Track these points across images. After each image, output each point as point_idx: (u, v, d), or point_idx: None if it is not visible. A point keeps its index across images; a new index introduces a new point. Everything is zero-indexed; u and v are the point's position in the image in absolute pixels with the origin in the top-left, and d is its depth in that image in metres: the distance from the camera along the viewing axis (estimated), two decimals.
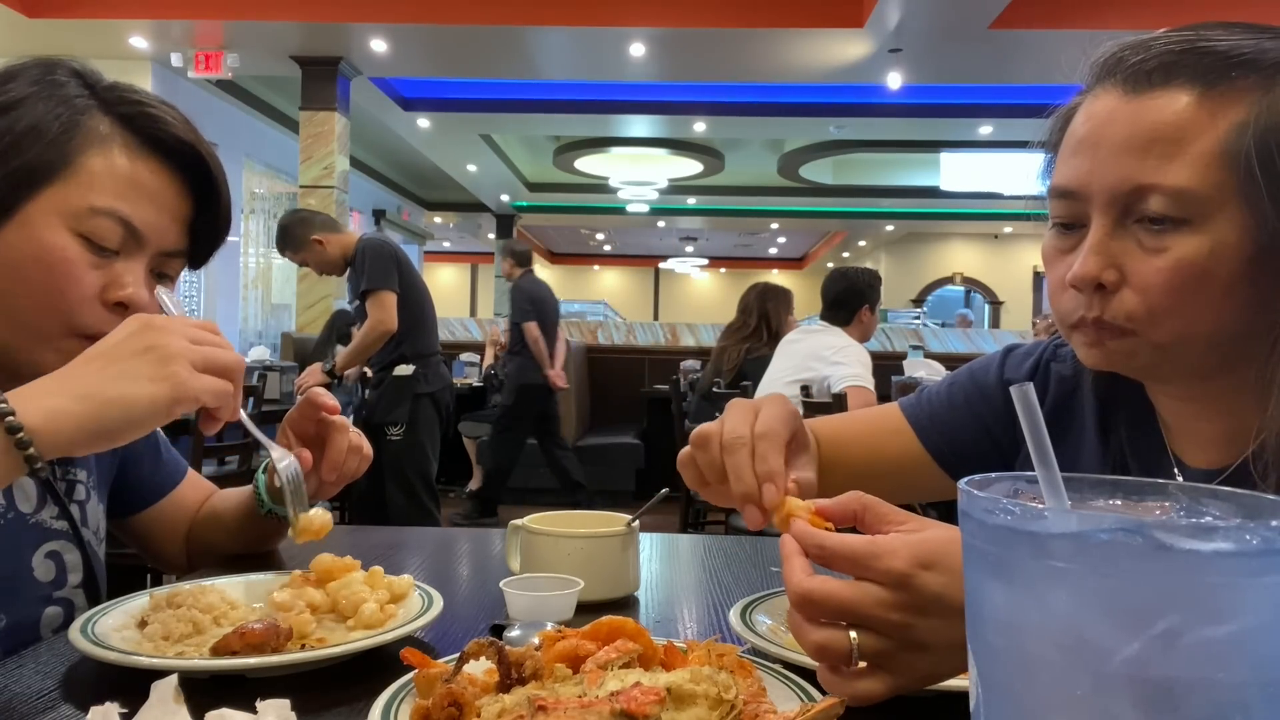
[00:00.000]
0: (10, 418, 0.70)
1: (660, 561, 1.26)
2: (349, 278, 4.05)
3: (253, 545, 1.17)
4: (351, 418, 3.80)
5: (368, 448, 1.07)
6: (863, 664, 0.61)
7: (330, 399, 1.04)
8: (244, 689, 0.70)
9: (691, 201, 14.96)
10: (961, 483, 0.45)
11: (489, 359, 7.14)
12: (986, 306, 17.32)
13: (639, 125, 10.27)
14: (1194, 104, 0.72)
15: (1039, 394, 0.63)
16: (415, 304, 4.05)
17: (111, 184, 0.89)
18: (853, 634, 0.60)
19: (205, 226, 0.98)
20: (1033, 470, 0.46)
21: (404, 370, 4.07)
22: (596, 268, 24.08)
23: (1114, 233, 0.75)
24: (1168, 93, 0.73)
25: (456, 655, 0.66)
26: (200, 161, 0.95)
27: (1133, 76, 0.74)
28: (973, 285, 17.47)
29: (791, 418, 0.80)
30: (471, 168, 12.51)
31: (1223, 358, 0.76)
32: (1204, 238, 0.71)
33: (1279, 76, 0.71)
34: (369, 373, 4.21)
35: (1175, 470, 0.84)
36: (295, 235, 3.99)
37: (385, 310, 3.88)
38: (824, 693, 0.64)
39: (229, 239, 1.03)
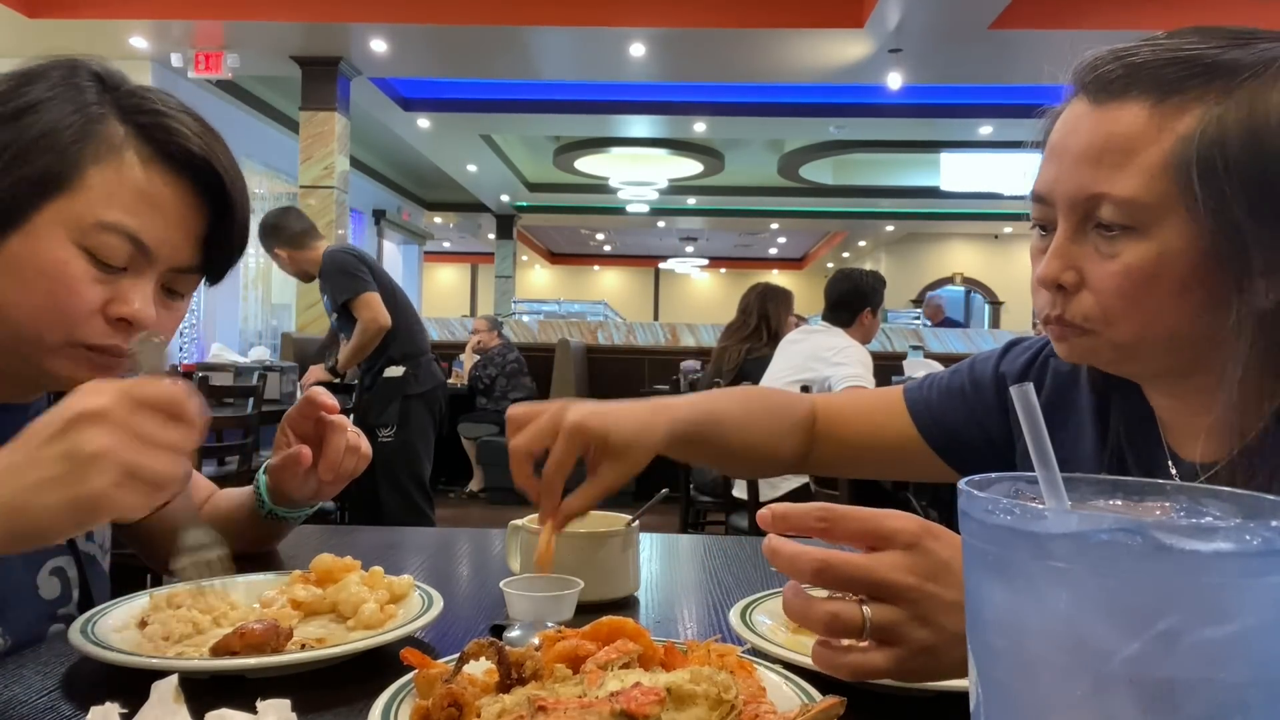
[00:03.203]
0: None
1: (660, 561, 1.26)
2: (321, 289, 4.05)
3: (253, 545, 1.17)
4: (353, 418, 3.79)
5: (366, 447, 1.07)
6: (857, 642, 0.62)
7: (329, 398, 1.05)
8: (244, 689, 0.70)
9: (691, 202, 14.95)
10: (961, 483, 0.45)
11: (469, 358, 7.10)
12: (986, 307, 17.32)
13: (639, 125, 10.27)
14: (1145, 116, 0.74)
15: (1036, 387, 0.63)
16: (393, 306, 4.02)
17: (121, 197, 0.85)
18: (865, 608, 0.61)
19: (220, 242, 0.93)
20: (1032, 469, 0.47)
21: (394, 372, 4.07)
22: (596, 268, 24.06)
23: (1074, 238, 0.79)
24: (1125, 104, 0.75)
25: (456, 655, 0.66)
26: (216, 176, 0.91)
27: (1097, 86, 0.77)
28: (973, 285, 17.46)
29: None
30: (471, 168, 12.51)
31: (1196, 356, 0.79)
32: (1152, 244, 0.74)
33: (1234, 92, 0.72)
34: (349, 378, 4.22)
35: (1170, 464, 0.86)
36: (264, 237, 4.02)
37: (372, 309, 3.88)
38: (823, 693, 0.64)
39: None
